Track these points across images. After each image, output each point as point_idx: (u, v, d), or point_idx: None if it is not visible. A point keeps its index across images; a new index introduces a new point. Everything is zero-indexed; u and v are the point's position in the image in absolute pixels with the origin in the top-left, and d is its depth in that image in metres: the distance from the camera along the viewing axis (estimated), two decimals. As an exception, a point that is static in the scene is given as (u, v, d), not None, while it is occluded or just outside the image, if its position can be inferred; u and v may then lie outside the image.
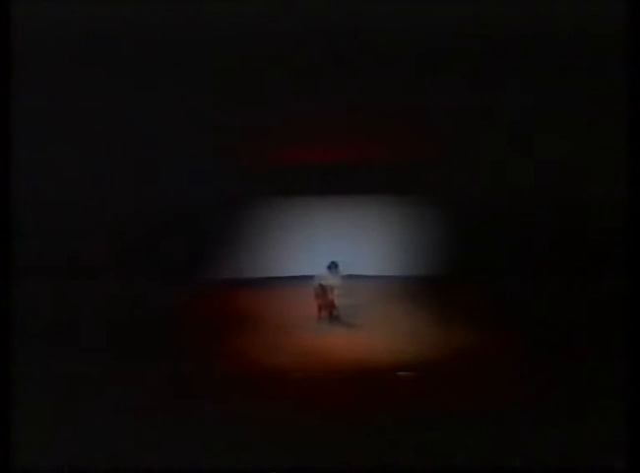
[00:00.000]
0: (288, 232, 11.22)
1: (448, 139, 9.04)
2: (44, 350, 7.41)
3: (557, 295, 8.84)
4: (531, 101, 8.69)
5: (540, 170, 9.14)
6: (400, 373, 7.49)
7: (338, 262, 9.65)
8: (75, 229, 9.18)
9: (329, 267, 9.62)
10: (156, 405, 6.64)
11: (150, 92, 8.49)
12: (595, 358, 7.26)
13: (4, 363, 5.99)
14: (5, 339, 6.04)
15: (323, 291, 9.58)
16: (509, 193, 9.18)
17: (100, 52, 8.16)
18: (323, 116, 8.75)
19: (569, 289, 8.72)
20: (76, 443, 6.06)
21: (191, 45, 8.23)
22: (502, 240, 9.44)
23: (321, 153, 9.86)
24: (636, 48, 6.41)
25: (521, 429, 6.23)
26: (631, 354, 5.95)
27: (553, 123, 8.81)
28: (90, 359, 7.54)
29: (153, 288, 9.17)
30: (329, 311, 9.55)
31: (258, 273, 11.08)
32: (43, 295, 8.24)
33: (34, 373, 6.74)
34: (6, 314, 6.07)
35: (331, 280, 9.58)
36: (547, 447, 6.00)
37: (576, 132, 8.75)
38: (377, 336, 8.75)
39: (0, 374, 5.92)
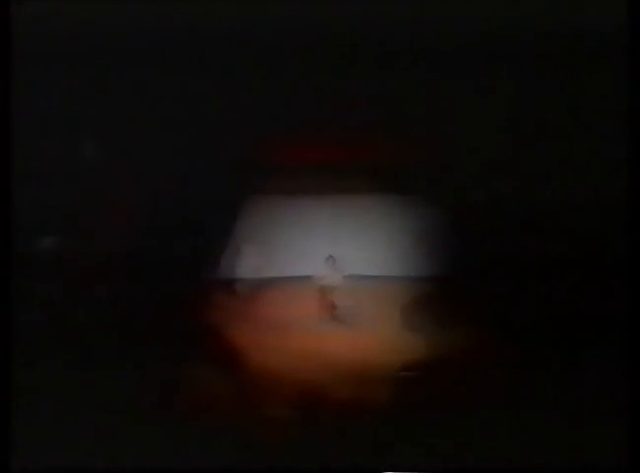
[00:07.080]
0: (287, 232, 11.20)
1: (448, 139, 9.04)
2: (45, 350, 7.40)
3: (558, 295, 8.83)
4: (529, 102, 8.70)
5: (540, 171, 9.14)
6: (402, 374, 7.48)
7: (335, 257, 9.62)
8: (74, 229, 9.17)
9: (326, 261, 9.59)
10: (155, 406, 6.64)
11: (148, 91, 8.48)
12: (595, 358, 7.26)
13: (4, 363, 5.99)
14: (5, 339, 6.04)
15: (323, 291, 9.57)
16: (510, 193, 9.17)
17: (102, 52, 8.15)
18: (324, 115, 8.75)
19: (571, 289, 8.71)
20: (76, 444, 6.06)
21: (190, 44, 8.21)
22: (504, 241, 9.43)
23: (322, 152, 9.85)
24: (636, 48, 6.41)
25: (521, 428, 6.23)
26: (631, 354, 5.96)
27: (552, 123, 8.82)
28: (90, 359, 7.55)
29: (151, 289, 9.15)
30: (330, 312, 9.54)
31: (258, 273, 11.06)
32: (43, 295, 8.23)
33: (35, 374, 6.74)
34: (6, 315, 6.07)
35: (331, 280, 9.56)
36: (546, 447, 6.00)
37: (575, 132, 8.75)
38: (378, 336, 8.74)
39: (0, 375, 5.93)
